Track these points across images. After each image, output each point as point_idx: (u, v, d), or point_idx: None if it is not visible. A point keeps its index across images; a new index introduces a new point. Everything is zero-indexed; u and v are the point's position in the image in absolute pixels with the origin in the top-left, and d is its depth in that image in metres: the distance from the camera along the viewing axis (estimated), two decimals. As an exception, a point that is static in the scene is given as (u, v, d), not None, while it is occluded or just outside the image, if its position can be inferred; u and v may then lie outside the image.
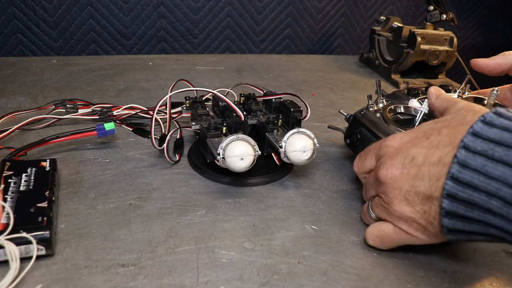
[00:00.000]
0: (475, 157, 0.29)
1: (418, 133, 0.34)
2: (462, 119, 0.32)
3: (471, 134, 0.30)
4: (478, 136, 0.29)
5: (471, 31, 1.27)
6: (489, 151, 0.28)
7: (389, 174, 0.34)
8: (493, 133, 0.29)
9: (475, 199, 0.29)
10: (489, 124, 0.29)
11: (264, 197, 0.44)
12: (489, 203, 0.28)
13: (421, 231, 0.33)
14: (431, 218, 0.32)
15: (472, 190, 0.29)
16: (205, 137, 0.44)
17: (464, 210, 0.30)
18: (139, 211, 0.40)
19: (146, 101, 0.65)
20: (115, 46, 0.95)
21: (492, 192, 0.28)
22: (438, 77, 0.87)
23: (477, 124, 0.30)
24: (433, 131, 0.33)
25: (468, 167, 0.29)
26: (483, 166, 0.28)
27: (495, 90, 0.45)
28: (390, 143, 0.36)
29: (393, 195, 0.34)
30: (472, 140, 0.29)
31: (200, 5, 0.97)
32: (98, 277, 0.32)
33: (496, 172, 0.28)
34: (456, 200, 0.30)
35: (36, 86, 0.70)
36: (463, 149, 0.29)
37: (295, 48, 1.10)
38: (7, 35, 0.87)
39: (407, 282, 0.34)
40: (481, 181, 0.28)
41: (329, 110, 0.69)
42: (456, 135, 0.31)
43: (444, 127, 0.33)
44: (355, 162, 0.42)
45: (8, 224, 0.32)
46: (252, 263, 0.35)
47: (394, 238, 0.35)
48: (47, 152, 0.49)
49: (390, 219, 0.35)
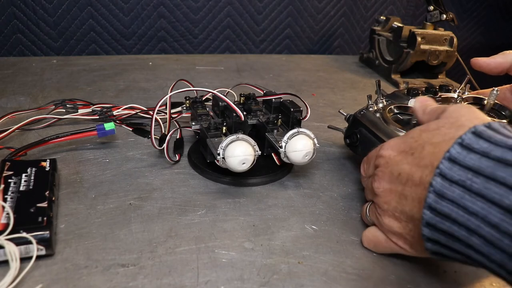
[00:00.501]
0: (452, 187, 0.26)
1: (405, 145, 0.33)
2: (445, 134, 0.30)
3: (448, 160, 0.27)
4: (455, 163, 0.27)
5: (471, 31, 1.27)
6: (467, 182, 0.26)
7: (381, 188, 0.34)
8: (471, 160, 0.26)
9: (455, 233, 0.27)
10: (467, 148, 0.27)
11: (264, 197, 0.44)
12: (470, 239, 0.26)
13: (409, 246, 0.33)
14: (416, 236, 0.32)
15: (451, 222, 0.27)
16: (205, 137, 0.44)
17: (445, 240, 0.28)
18: (139, 211, 0.40)
19: (146, 101, 0.65)
20: (115, 46, 0.95)
21: (472, 229, 0.26)
22: (438, 77, 0.87)
23: (454, 148, 0.27)
24: (418, 146, 0.32)
25: (445, 197, 0.27)
26: (460, 198, 0.26)
27: (495, 90, 0.45)
28: (383, 153, 0.35)
29: (383, 209, 0.34)
30: (448, 167, 0.27)
31: (200, 5, 0.97)
32: (98, 277, 0.32)
33: (474, 207, 0.25)
34: (436, 230, 0.28)
35: (36, 86, 0.70)
36: (439, 176, 0.27)
37: (295, 48, 1.10)
38: (7, 35, 0.87)
39: (407, 282, 0.34)
40: (459, 215, 0.26)
41: (329, 110, 0.69)
42: (437, 155, 0.29)
43: (427, 142, 0.31)
44: (361, 167, 0.41)
45: (8, 224, 0.32)
46: (252, 263, 0.35)
47: (385, 246, 0.36)
48: (47, 152, 0.49)
49: (381, 229, 0.36)
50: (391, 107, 0.48)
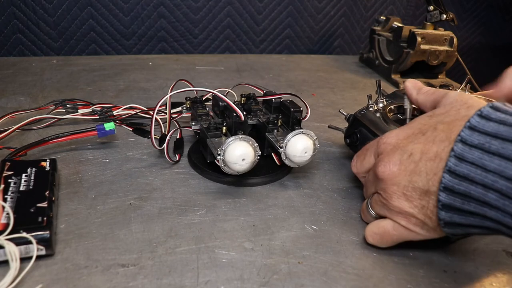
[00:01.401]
0: (472, 151, 0.29)
1: (414, 129, 0.35)
2: (456, 114, 0.33)
3: (468, 128, 0.30)
4: (475, 130, 0.30)
5: (471, 31, 1.27)
6: (486, 144, 0.29)
7: (387, 171, 0.34)
8: (489, 127, 0.29)
9: (471, 191, 0.29)
10: (486, 118, 0.30)
11: (264, 197, 0.44)
12: (486, 196, 0.28)
13: (420, 226, 0.34)
14: (429, 213, 0.32)
15: (469, 183, 0.29)
16: (205, 137, 0.44)
17: (461, 203, 0.30)
18: (139, 211, 0.40)
19: (146, 101, 0.65)
20: (115, 46, 0.95)
21: (489, 185, 0.28)
22: (438, 77, 0.87)
23: (474, 118, 0.30)
24: (429, 127, 0.34)
25: (465, 160, 0.29)
26: (479, 159, 0.29)
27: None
28: (387, 140, 0.36)
29: (391, 191, 0.34)
30: (469, 133, 0.30)
31: (200, 5, 0.97)
32: (98, 277, 0.32)
33: (492, 164, 0.28)
34: (453, 193, 0.30)
35: (36, 86, 0.70)
36: (460, 142, 0.30)
37: (295, 48, 1.10)
38: (7, 35, 0.87)
39: (407, 282, 0.34)
40: (477, 174, 0.29)
41: (329, 110, 0.69)
42: (452, 130, 0.31)
43: (439, 122, 0.33)
44: (353, 163, 0.42)
45: (8, 224, 0.32)
46: (252, 263, 0.35)
47: (393, 234, 0.36)
48: (47, 152, 0.49)
49: (389, 215, 0.36)
50: (391, 107, 0.48)
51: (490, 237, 0.40)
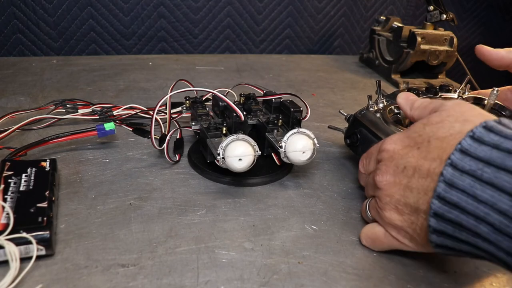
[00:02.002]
0: (462, 177, 0.27)
1: (410, 140, 0.33)
2: (450, 127, 0.31)
3: (459, 151, 0.28)
4: (466, 154, 0.28)
5: (471, 31, 1.27)
6: (478, 171, 0.27)
7: (384, 181, 0.34)
8: (482, 151, 0.27)
9: (462, 221, 0.27)
10: (478, 141, 0.28)
11: (264, 197, 0.44)
12: (478, 228, 0.27)
13: (408, 239, 0.34)
14: (418, 230, 0.32)
15: (459, 211, 0.27)
16: (205, 137, 0.44)
17: (452, 230, 0.28)
18: (139, 211, 0.40)
19: (146, 101, 0.65)
20: (115, 46, 0.95)
21: (481, 217, 0.26)
22: (438, 77, 0.87)
23: (465, 141, 0.28)
24: (423, 140, 0.32)
25: (455, 187, 0.27)
26: (471, 188, 0.27)
27: (495, 90, 0.45)
28: (386, 147, 0.35)
29: (385, 202, 0.34)
30: (460, 158, 0.28)
31: (200, 5, 0.97)
32: (98, 277, 0.32)
33: (484, 195, 0.26)
34: (443, 220, 0.28)
35: (36, 86, 0.70)
36: (450, 167, 0.28)
37: (295, 48, 1.10)
38: (7, 35, 0.87)
39: (407, 282, 0.34)
40: (469, 204, 0.27)
41: (329, 110, 0.69)
42: (445, 149, 0.30)
43: (432, 136, 0.31)
44: (361, 162, 0.42)
45: (8, 224, 0.32)
46: (252, 263, 0.35)
47: (384, 242, 0.36)
48: (47, 152, 0.49)
49: (381, 223, 0.36)
50: (392, 107, 0.48)
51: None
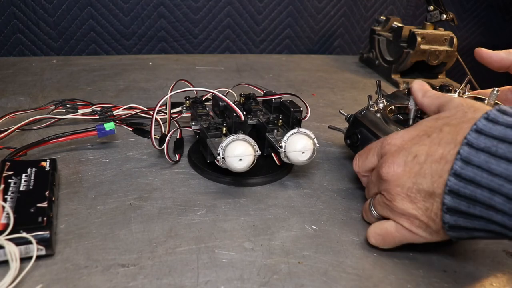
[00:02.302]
0: (478, 154, 0.29)
1: (419, 131, 0.35)
2: (462, 116, 0.33)
3: (475, 131, 0.30)
4: (481, 133, 0.29)
5: (471, 31, 1.27)
6: (492, 148, 0.28)
7: (391, 172, 0.34)
8: (496, 130, 0.29)
9: (477, 195, 0.29)
10: (493, 121, 0.29)
11: (264, 197, 0.44)
12: (492, 200, 0.28)
13: (423, 229, 0.34)
14: (433, 215, 0.32)
15: (475, 186, 0.29)
16: (205, 137, 0.44)
17: (466, 206, 0.30)
18: (139, 211, 0.40)
19: (146, 101, 0.65)
20: (115, 46, 0.95)
21: (495, 189, 0.28)
22: (438, 77, 0.87)
23: (480, 121, 0.30)
24: (435, 129, 0.33)
25: (471, 163, 0.29)
26: (486, 163, 0.28)
27: (496, 90, 0.45)
28: (392, 141, 0.36)
29: (395, 192, 0.34)
30: (475, 137, 0.29)
31: (200, 5, 0.97)
32: (98, 277, 0.32)
33: (499, 168, 0.28)
34: (458, 197, 0.30)
35: (36, 86, 0.70)
36: (466, 145, 0.30)
37: (295, 48, 1.10)
38: (7, 35, 0.87)
39: (407, 282, 0.34)
40: (483, 178, 0.28)
41: (329, 110, 0.69)
42: (458, 133, 0.31)
43: (445, 124, 0.33)
44: (354, 161, 0.42)
45: (8, 224, 0.32)
46: (252, 263, 0.35)
47: (396, 236, 0.35)
48: (47, 152, 0.49)
49: (392, 216, 0.35)
50: (392, 107, 0.48)
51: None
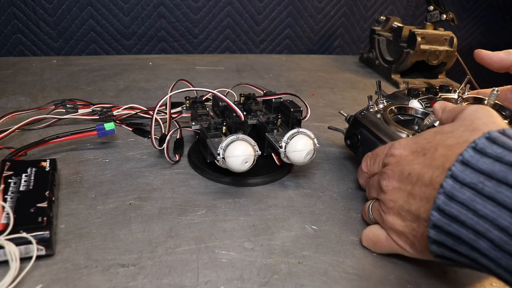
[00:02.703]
0: (462, 190, 0.26)
1: (418, 146, 0.33)
2: (459, 136, 0.30)
3: (460, 163, 0.27)
4: (467, 166, 0.27)
5: (471, 31, 1.27)
6: (479, 185, 0.26)
7: (390, 186, 0.34)
8: (484, 164, 0.26)
9: (462, 235, 0.27)
10: (480, 153, 0.27)
11: (264, 197, 0.44)
12: (477, 243, 0.26)
13: (409, 246, 0.34)
14: (418, 237, 0.32)
15: (459, 225, 0.27)
16: (205, 137, 0.44)
17: (452, 243, 0.28)
18: (139, 211, 0.40)
19: (146, 101, 0.65)
20: (115, 46, 0.95)
21: (480, 232, 0.26)
22: (438, 77, 0.88)
23: (467, 152, 0.27)
24: (431, 147, 0.32)
25: (455, 199, 0.27)
26: (471, 201, 0.26)
27: (495, 90, 0.45)
28: (394, 151, 0.35)
29: (389, 206, 0.34)
30: (461, 169, 0.27)
31: (200, 5, 0.97)
32: (98, 277, 0.32)
33: (484, 210, 0.25)
34: (443, 232, 0.28)
35: (36, 86, 0.70)
36: (450, 178, 0.27)
37: (295, 48, 1.10)
38: (7, 35, 0.87)
39: (407, 282, 0.34)
40: (468, 218, 0.26)
41: (329, 110, 0.69)
42: (449, 157, 0.29)
43: (441, 144, 0.31)
44: (364, 162, 0.41)
45: (8, 224, 0.32)
46: (252, 263, 0.35)
47: (385, 245, 0.36)
48: (47, 152, 0.49)
49: (383, 226, 0.36)
50: (392, 107, 0.48)
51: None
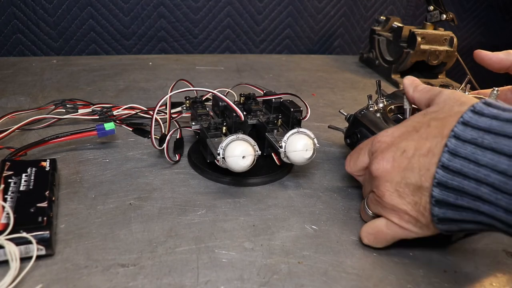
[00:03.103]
0: (465, 145, 0.29)
1: (408, 127, 0.35)
2: (449, 110, 0.33)
3: (461, 124, 0.30)
4: (468, 125, 0.30)
5: (471, 31, 1.27)
6: (479, 139, 0.29)
7: (381, 168, 0.35)
8: (482, 122, 0.29)
9: (465, 186, 0.29)
10: (479, 114, 0.30)
11: (264, 197, 0.44)
12: (478, 190, 0.29)
13: (412, 223, 0.34)
14: (421, 209, 0.32)
15: (462, 177, 0.29)
16: (205, 137, 0.44)
17: (454, 198, 0.30)
18: (139, 211, 0.40)
19: (146, 101, 0.65)
20: (115, 46, 0.95)
21: (481, 179, 0.28)
22: (438, 77, 0.87)
23: (467, 114, 0.30)
24: (422, 124, 0.34)
25: (458, 155, 0.29)
26: (472, 154, 0.29)
27: (495, 90, 0.45)
28: (382, 138, 0.37)
29: (384, 188, 0.34)
30: (462, 129, 0.30)
31: (200, 5, 0.97)
32: (98, 277, 0.32)
33: (485, 159, 0.28)
34: (446, 189, 0.30)
35: (36, 86, 0.70)
36: (453, 138, 0.30)
37: (295, 48, 1.10)
38: (7, 35, 0.87)
39: (407, 282, 0.34)
40: (470, 169, 0.29)
41: (329, 110, 0.69)
42: (445, 126, 0.32)
43: (433, 119, 0.33)
44: (346, 162, 0.42)
45: (8, 224, 0.32)
46: (252, 263, 0.35)
47: (387, 233, 0.36)
48: (47, 152, 0.49)
49: (383, 212, 0.36)
50: (392, 107, 0.48)
51: (489, 237, 0.40)
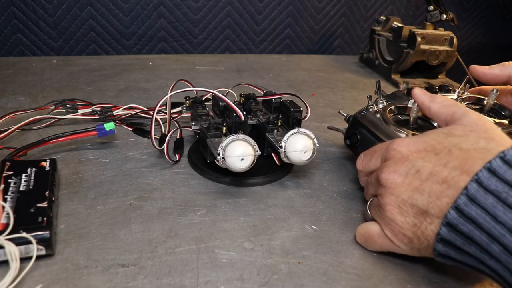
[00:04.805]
0: (486, 195, 0.28)
1: (427, 145, 0.33)
2: (475, 143, 0.31)
3: (487, 170, 0.28)
4: (494, 174, 0.28)
5: (471, 31, 1.27)
6: (503, 194, 0.27)
7: (391, 179, 0.34)
8: (510, 175, 0.27)
9: (475, 236, 0.28)
10: (508, 164, 0.28)
11: (264, 197, 0.44)
12: (489, 246, 0.27)
13: (404, 243, 0.33)
14: (419, 233, 0.32)
15: (475, 226, 0.28)
16: (205, 137, 0.44)
17: (461, 243, 0.29)
18: (139, 211, 0.40)
19: (146, 101, 0.65)
20: (115, 46, 0.95)
21: (495, 236, 0.27)
22: (438, 77, 0.88)
23: (495, 161, 0.28)
24: (443, 148, 0.32)
25: (476, 203, 0.28)
26: (492, 207, 0.27)
27: (495, 90, 0.45)
28: (398, 147, 0.35)
29: (388, 200, 0.34)
30: (487, 176, 0.28)
31: (200, 5, 0.97)
32: (98, 277, 0.32)
33: (504, 217, 0.27)
34: (455, 231, 0.29)
35: (36, 86, 0.70)
36: (475, 183, 0.28)
37: (295, 48, 1.10)
38: (7, 35, 0.87)
39: (407, 282, 0.34)
40: (486, 222, 0.27)
41: (329, 110, 0.69)
42: (467, 161, 0.30)
43: (455, 146, 0.32)
44: (359, 160, 0.41)
45: (8, 224, 0.32)
46: (252, 263, 0.35)
47: (377, 242, 0.36)
48: (47, 152, 0.49)
49: (379, 220, 0.36)
50: (391, 107, 0.48)
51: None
